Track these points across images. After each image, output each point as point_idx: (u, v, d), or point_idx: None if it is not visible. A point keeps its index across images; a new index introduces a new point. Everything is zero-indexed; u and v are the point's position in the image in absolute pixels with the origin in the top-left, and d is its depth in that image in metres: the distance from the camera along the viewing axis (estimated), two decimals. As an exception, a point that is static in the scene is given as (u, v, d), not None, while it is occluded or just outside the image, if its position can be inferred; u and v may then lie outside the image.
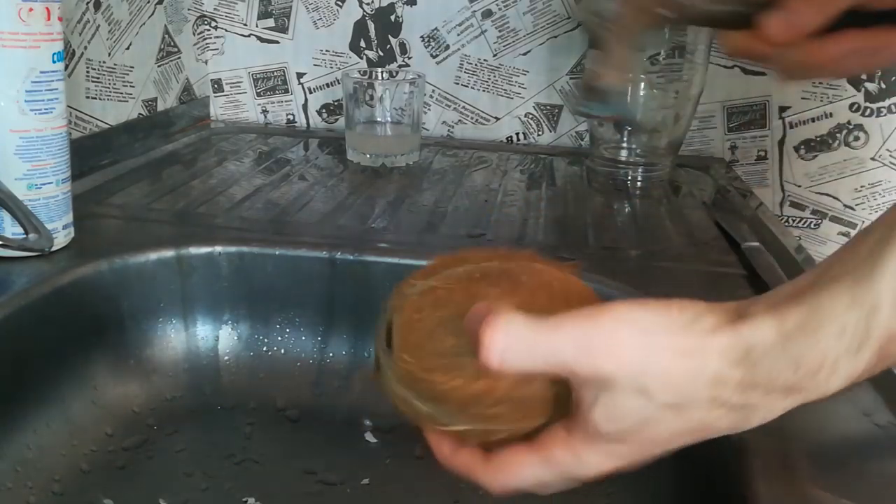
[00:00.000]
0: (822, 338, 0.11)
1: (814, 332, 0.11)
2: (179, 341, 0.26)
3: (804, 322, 0.11)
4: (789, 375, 0.11)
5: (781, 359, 0.11)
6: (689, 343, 0.12)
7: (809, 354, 0.11)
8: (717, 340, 0.12)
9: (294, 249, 0.27)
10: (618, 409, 0.12)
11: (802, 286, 0.12)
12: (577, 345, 0.12)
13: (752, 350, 0.11)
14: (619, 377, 0.12)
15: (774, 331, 0.11)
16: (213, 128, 0.46)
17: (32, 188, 0.24)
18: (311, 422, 0.25)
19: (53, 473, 0.21)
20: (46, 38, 0.23)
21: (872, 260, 0.11)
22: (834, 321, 0.11)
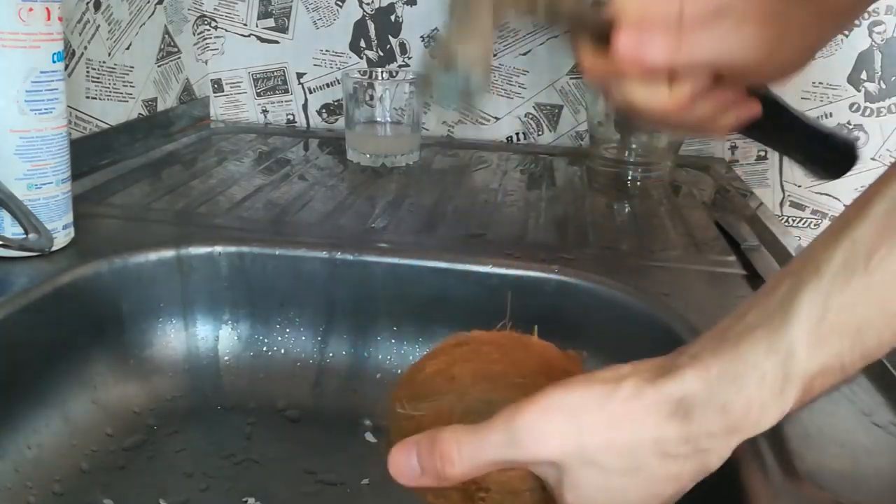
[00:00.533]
0: (744, 385, 0.12)
1: (735, 380, 0.12)
2: (179, 341, 0.26)
3: (726, 371, 0.12)
4: (721, 420, 0.12)
5: (710, 407, 0.12)
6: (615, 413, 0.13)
7: (735, 400, 0.12)
8: (643, 402, 0.12)
9: (294, 249, 0.27)
10: (580, 482, 0.13)
11: (722, 335, 0.13)
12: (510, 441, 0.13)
13: (681, 403, 0.12)
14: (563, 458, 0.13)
15: (699, 382, 0.12)
16: (213, 128, 0.46)
17: (32, 188, 0.24)
18: (311, 422, 0.25)
19: (53, 473, 0.21)
20: (46, 38, 0.23)
21: (784, 309, 0.12)
22: (754, 369, 0.12)
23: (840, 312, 0.12)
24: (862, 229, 0.12)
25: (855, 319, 0.12)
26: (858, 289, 0.11)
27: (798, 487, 0.16)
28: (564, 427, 0.13)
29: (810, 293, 0.12)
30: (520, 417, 0.13)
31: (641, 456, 0.13)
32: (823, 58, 0.43)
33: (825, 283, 0.12)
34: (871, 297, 0.11)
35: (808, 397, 0.12)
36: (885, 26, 0.41)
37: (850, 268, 0.12)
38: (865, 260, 0.11)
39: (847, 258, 0.12)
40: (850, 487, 0.16)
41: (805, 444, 0.17)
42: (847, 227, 0.12)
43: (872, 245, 0.11)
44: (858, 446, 0.17)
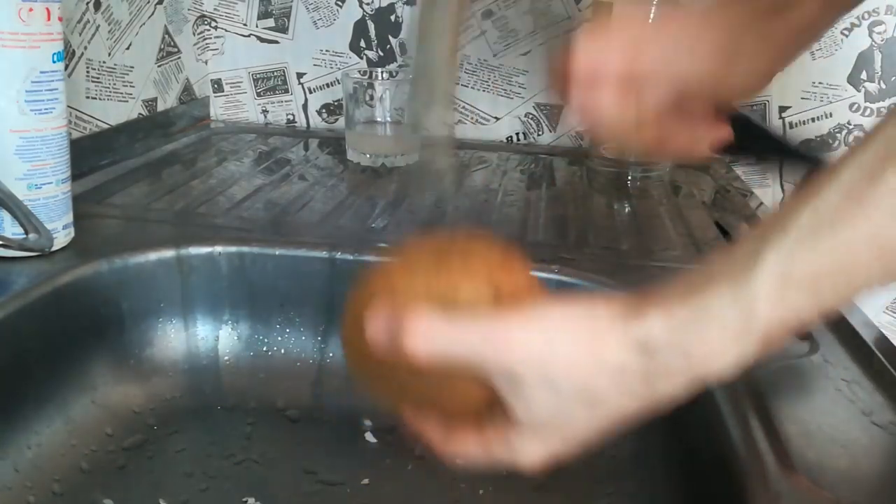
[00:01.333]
0: (706, 331, 0.13)
1: (698, 326, 0.13)
2: (179, 341, 0.26)
3: (690, 317, 0.13)
4: (682, 363, 0.13)
5: (672, 350, 0.13)
6: (584, 340, 0.13)
7: (696, 345, 0.13)
8: (611, 336, 0.13)
9: (294, 249, 0.27)
10: (530, 401, 0.13)
11: (690, 283, 0.13)
12: (485, 338, 0.13)
13: (646, 343, 0.13)
14: (524, 370, 0.13)
15: (664, 326, 0.13)
16: (213, 128, 0.46)
17: (32, 188, 0.24)
18: (311, 422, 0.25)
19: (53, 473, 0.21)
20: (46, 38, 0.23)
21: (750, 263, 0.12)
22: (717, 317, 0.12)
23: (803, 269, 0.12)
24: (829, 193, 0.12)
25: (815, 276, 0.12)
26: (821, 249, 0.12)
27: (798, 487, 0.16)
28: (534, 339, 0.13)
29: (775, 250, 0.12)
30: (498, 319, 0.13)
31: (599, 387, 0.13)
32: (824, 58, 0.43)
33: (790, 241, 0.12)
34: (833, 256, 0.12)
35: (766, 348, 0.13)
36: (885, 26, 0.41)
37: (816, 228, 0.12)
38: (830, 221, 0.12)
39: (813, 218, 0.12)
40: (850, 487, 0.16)
41: (805, 443, 0.17)
42: (816, 190, 0.12)
43: (839, 207, 0.12)
44: (858, 446, 0.17)
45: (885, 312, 0.45)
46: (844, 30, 0.42)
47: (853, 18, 0.42)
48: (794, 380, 0.20)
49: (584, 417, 0.14)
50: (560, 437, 0.14)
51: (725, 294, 0.12)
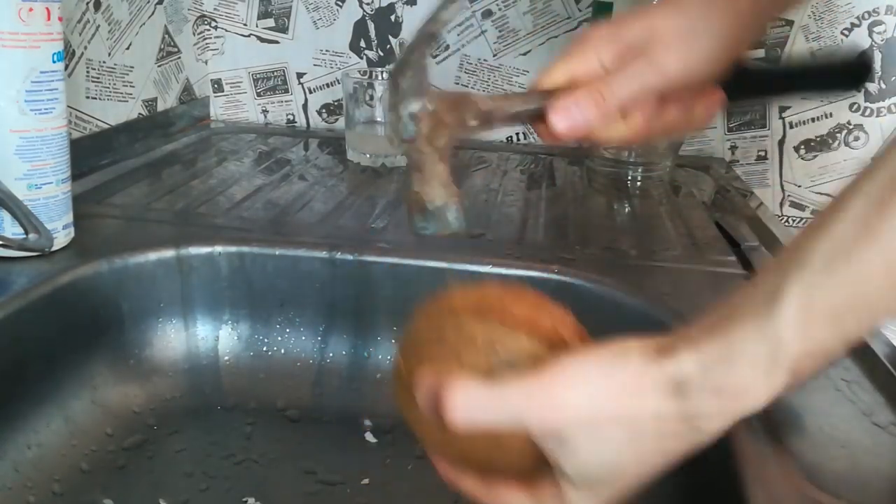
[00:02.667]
0: (735, 368, 0.13)
1: (728, 363, 0.13)
2: (179, 341, 0.26)
3: (719, 354, 0.13)
4: (715, 401, 0.13)
5: (704, 388, 0.13)
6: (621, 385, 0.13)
7: (727, 382, 0.13)
8: (646, 378, 0.13)
9: (294, 249, 0.27)
10: (579, 457, 0.14)
11: (716, 321, 0.13)
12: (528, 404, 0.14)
13: (679, 382, 0.13)
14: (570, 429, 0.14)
15: (695, 364, 0.13)
16: (213, 128, 0.46)
17: (32, 188, 0.24)
18: (311, 422, 0.25)
19: (53, 473, 0.21)
20: (46, 38, 0.23)
21: (772, 298, 0.13)
22: (745, 354, 0.13)
23: (824, 303, 0.12)
24: (843, 224, 0.12)
25: (837, 309, 0.12)
26: (839, 281, 0.12)
27: (798, 488, 0.16)
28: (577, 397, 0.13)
29: (797, 284, 0.13)
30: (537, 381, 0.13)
31: (640, 430, 0.13)
32: (823, 58, 0.43)
33: (808, 274, 0.12)
34: (853, 288, 0.12)
35: (794, 380, 0.13)
36: (885, 26, 0.41)
37: (833, 260, 0.12)
38: (846, 252, 0.12)
39: (829, 250, 0.12)
40: (850, 487, 0.16)
41: (805, 444, 0.17)
42: (830, 221, 0.13)
43: (852, 238, 0.12)
44: (859, 446, 0.17)
45: (885, 312, 0.45)
46: (844, 30, 0.42)
47: (853, 18, 0.42)
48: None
49: (633, 465, 0.14)
50: (611, 487, 0.14)
51: (750, 330, 0.13)
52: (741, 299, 0.13)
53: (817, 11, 0.41)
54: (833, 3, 0.41)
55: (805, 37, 0.42)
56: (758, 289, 0.13)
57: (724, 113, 0.43)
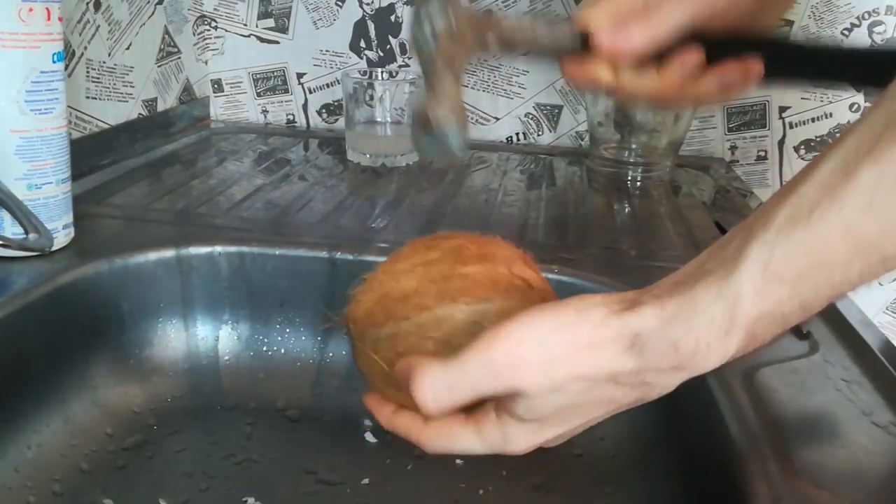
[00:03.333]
0: (694, 326, 0.13)
1: (687, 320, 0.13)
2: (179, 341, 0.26)
3: (679, 312, 0.13)
4: (671, 357, 0.13)
5: (662, 343, 0.13)
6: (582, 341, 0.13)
7: (685, 339, 0.13)
8: (607, 332, 0.13)
9: (294, 249, 0.27)
10: (537, 406, 0.14)
11: (681, 278, 0.14)
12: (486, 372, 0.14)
13: (638, 337, 0.13)
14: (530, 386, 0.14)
15: (656, 319, 0.13)
16: (213, 128, 0.46)
17: (32, 188, 0.24)
18: (310, 422, 0.25)
19: (53, 473, 0.21)
20: (46, 39, 0.23)
21: (735, 258, 0.13)
22: (704, 311, 0.13)
23: (782, 263, 0.12)
24: (807, 186, 0.12)
25: (795, 270, 0.12)
26: (799, 241, 0.12)
27: (798, 488, 0.16)
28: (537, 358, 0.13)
29: (758, 244, 0.13)
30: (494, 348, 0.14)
31: (597, 383, 0.14)
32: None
33: (771, 235, 0.12)
34: (811, 250, 0.12)
35: (750, 344, 0.13)
36: (885, 26, 0.41)
37: (794, 221, 0.12)
38: (808, 214, 0.12)
39: (792, 212, 0.12)
40: (850, 487, 0.16)
41: (805, 444, 0.17)
42: (796, 184, 0.13)
43: (815, 201, 0.12)
44: (858, 446, 0.17)
45: (885, 312, 0.45)
46: (844, 30, 0.42)
47: (853, 19, 0.42)
48: (793, 380, 0.20)
49: (581, 411, 0.14)
50: (555, 427, 0.15)
51: (712, 288, 0.13)
52: (708, 258, 0.13)
53: (817, 11, 0.41)
54: (833, 3, 0.41)
55: (805, 37, 0.42)
56: (724, 248, 0.13)
57: (724, 112, 0.43)
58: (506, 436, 0.15)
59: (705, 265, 0.13)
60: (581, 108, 0.45)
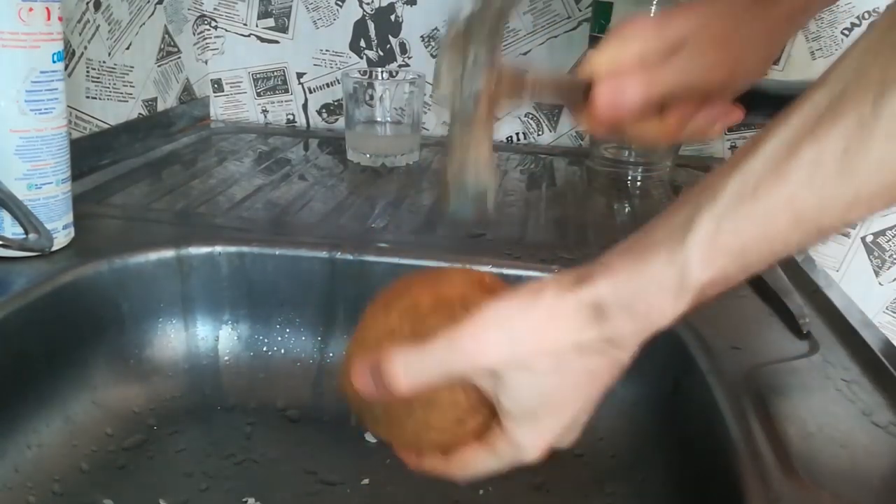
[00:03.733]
0: (646, 291, 0.14)
1: (639, 286, 0.14)
2: (179, 341, 0.26)
3: (631, 279, 0.14)
4: (628, 321, 0.14)
5: (618, 309, 0.14)
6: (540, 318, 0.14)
7: (638, 304, 0.14)
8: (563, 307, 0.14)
9: (294, 249, 0.27)
10: (513, 386, 0.14)
11: (630, 245, 0.14)
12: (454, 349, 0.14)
13: (595, 306, 0.14)
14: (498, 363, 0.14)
15: (609, 287, 0.14)
16: (213, 128, 0.46)
17: (32, 188, 0.24)
18: (311, 422, 0.25)
19: (53, 473, 0.21)
20: (46, 38, 0.23)
21: (684, 228, 0.13)
22: (654, 278, 0.14)
23: (729, 234, 0.13)
24: (754, 161, 0.13)
25: (740, 241, 0.13)
26: (745, 214, 0.13)
27: (798, 488, 0.16)
28: (498, 336, 0.14)
29: (706, 216, 0.13)
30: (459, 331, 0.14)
31: (564, 356, 0.14)
32: (824, 58, 0.42)
33: (718, 207, 0.13)
34: (755, 222, 0.13)
35: (699, 302, 0.14)
36: (885, 26, 0.41)
37: (740, 196, 0.13)
38: (753, 189, 0.13)
39: (738, 187, 0.13)
40: (850, 487, 0.16)
41: (805, 444, 0.17)
42: (743, 159, 0.13)
43: (760, 176, 0.13)
44: (858, 446, 0.17)
45: (885, 312, 0.45)
46: (845, 29, 0.42)
47: (853, 18, 0.42)
48: (793, 380, 0.20)
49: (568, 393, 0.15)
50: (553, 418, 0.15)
51: (662, 255, 0.14)
52: (657, 227, 0.14)
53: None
54: (833, 2, 0.41)
55: (805, 37, 0.42)
56: (674, 217, 0.14)
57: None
58: (514, 443, 0.15)
59: (654, 234, 0.14)
60: (581, 108, 0.45)
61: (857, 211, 0.12)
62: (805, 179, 0.12)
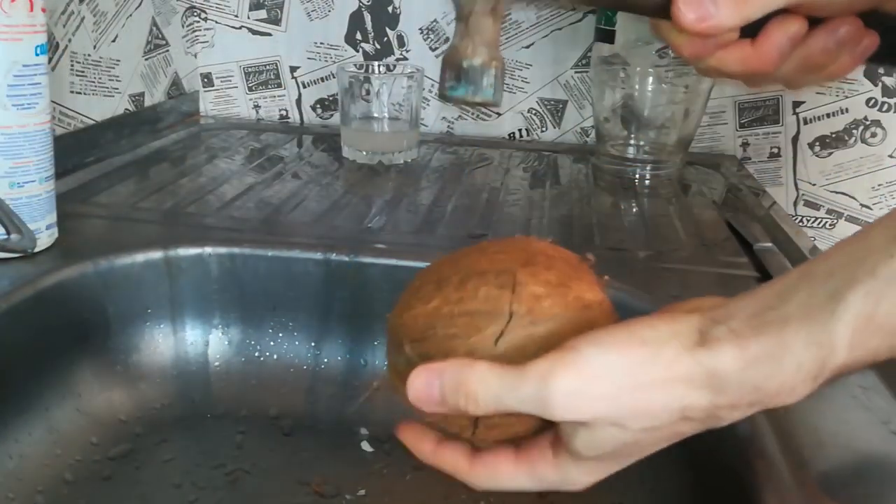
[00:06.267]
0: (781, 370, 0.13)
1: (774, 364, 0.13)
2: (167, 346, 0.26)
3: (765, 354, 0.13)
4: (750, 396, 0.13)
5: (743, 384, 0.13)
6: (652, 380, 0.13)
7: (770, 383, 0.13)
8: (679, 370, 0.13)
9: (287, 250, 0.26)
10: (596, 440, 0.14)
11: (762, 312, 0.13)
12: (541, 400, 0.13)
13: (716, 376, 0.13)
14: (593, 420, 0.13)
15: (737, 360, 0.13)
16: (203, 124, 0.45)
17: (14, 186, 0.23)
18: (304, 431, 0.25)
19: (36, 484, 0.21)
20: (29, 30, 0.23)
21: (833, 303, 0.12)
22: (793, 358, 0.12)
23: (885, 315, 0.12)
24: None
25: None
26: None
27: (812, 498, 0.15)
28: (601, 390, 0.13)
29: (862, 293, 0.12)
30: (554, 381, 0.13)
31: (666, 419, 0.13)
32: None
33: (879, 285, 0.12)
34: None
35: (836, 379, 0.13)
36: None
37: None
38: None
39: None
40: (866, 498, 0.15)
41: (819, 452, 0.17)
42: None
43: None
44: (875, 456, 0.17)
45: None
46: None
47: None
48: None
49: (646, 446, 0.14)
50: (616, 463, 0.14)
51: (803, 333, 0.12)
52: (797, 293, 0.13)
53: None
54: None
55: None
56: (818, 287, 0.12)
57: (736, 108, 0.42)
58: (564, 476, 0.14)
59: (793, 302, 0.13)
60: (586, 103, 0.44)
61: None
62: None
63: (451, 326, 0.14)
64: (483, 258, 0.14)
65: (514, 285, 0.13)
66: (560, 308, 0.14)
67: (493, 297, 0.13)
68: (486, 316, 0.13)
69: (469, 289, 0.14)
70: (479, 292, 0.13)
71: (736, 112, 0.43)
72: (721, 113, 0.43)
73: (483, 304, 0.13)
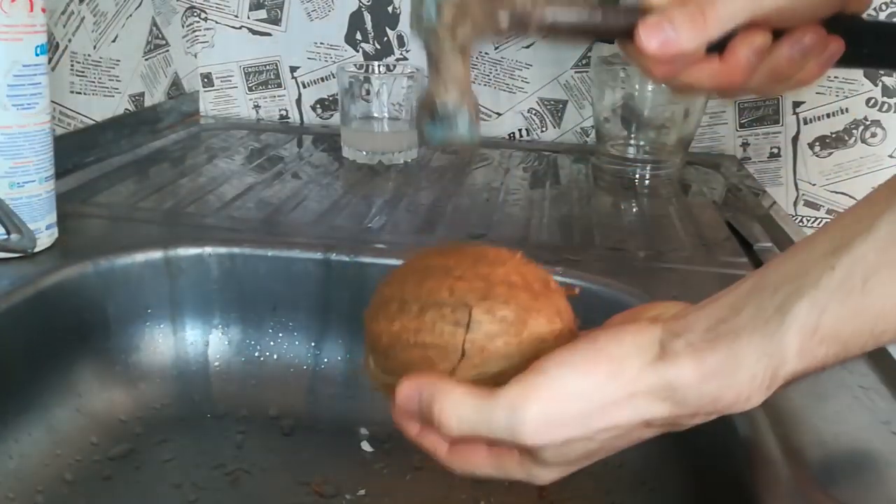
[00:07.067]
0: (736, 381, 0.13)
1: (729, 376, 0.13)
2: (167, 346, 0.26)
3: (720, 367, 0.13)
4: (708, 406, 0.13)
5: (702, 396, 0.13)
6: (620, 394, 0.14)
7: (726, 393, 0.13)
8: (643, 385, 0.13)
9: (287, 250, 0.26)
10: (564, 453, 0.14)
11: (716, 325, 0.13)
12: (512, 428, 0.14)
13: (676, 389, 0.13)
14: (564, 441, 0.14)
15: (694, 374, 0.13)
16: (203, 124, 0.45)
17: (14, 186, 0.24)
18: (304, 431, 0.25)
19: (36, 484, 0.21)
20: (29, 30, 0.23)
21: (780, 315, 0.13)
22: (746, 370, 0.13)
23: (831, 328, 0.12)
24: (864, 247, 0.12)
25: (844, 334, 0.12)
26: (852, 308, 0.12)
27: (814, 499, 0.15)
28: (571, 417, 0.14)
29: (807, 305, 0.12)
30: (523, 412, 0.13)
31: (630, 430, 0.14)
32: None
33: (823, 297, 0.12)
34: (863, 317, 0.12)
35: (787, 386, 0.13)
36: (902, 16, 0.40)
37: (848, 287, 0.12)
38: (863, 280, 0.12)
39: (846, 276, 0.12)
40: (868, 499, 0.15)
41: (821, 453, 0.17)
42: (851, 240, 0.12)
43: (872, 267, 0.12)
44: (877, 457, 0.17)
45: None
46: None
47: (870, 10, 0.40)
48: (808, 387, 0.19)
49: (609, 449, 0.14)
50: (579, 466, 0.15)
51: (754, 346, 0.13)
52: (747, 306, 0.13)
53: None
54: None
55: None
56: (767, 300, 0.13)
57: (736, 108, 0.42)
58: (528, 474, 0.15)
59: (743, 315, 0.13)
60: (586, 103, 0.44)
61: None
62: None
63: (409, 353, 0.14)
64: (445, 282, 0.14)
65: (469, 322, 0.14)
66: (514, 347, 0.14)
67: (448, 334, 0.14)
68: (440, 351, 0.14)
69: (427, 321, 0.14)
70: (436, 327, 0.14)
71: (736, 112, 0.43)
72: (721, 113, 0.43)
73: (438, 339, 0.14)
